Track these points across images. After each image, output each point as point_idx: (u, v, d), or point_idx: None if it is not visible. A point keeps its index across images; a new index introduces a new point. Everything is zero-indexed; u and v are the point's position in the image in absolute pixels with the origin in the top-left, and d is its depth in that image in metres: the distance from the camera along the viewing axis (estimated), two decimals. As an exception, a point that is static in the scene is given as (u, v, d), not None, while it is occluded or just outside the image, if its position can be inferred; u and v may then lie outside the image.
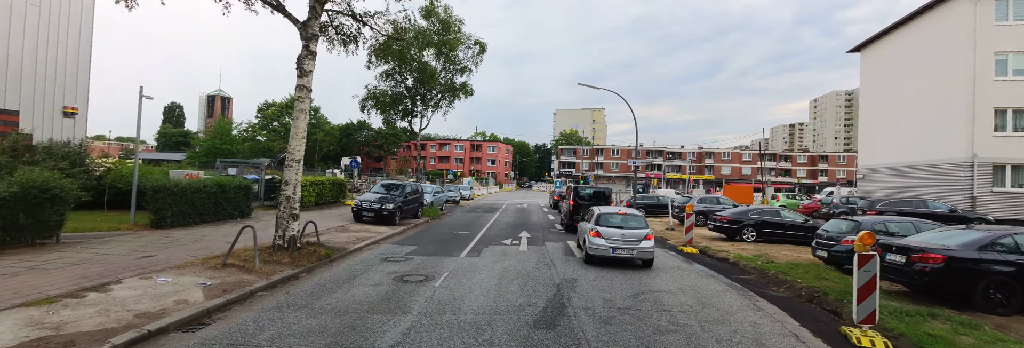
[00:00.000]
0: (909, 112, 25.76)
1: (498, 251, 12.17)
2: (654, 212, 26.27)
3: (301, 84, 9.91)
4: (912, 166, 25.58)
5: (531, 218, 23.41)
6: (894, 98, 27.20)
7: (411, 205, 18.45)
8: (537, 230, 17.70)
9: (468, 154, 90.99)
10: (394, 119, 21.88)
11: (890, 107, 27.58)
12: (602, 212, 11.68)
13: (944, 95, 23.19)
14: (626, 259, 10.64)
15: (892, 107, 27.36)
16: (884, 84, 28.26)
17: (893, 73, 27.44)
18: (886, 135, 27.98)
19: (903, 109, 26.30)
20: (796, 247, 14.77)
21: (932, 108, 24.01)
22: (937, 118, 23.65)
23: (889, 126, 27.72)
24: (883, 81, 28.40)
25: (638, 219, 11.36)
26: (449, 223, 19.41)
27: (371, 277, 8.60)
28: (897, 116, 26.91)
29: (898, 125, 26.83)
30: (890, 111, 27.58)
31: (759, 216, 15.78)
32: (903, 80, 26.35)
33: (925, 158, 24.44)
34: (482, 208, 29.85)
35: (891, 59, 27.79)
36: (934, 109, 23.86)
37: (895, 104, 27.08)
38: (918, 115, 25.09)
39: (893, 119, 27.26)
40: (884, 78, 28.30)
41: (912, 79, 25.65)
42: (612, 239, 10.59)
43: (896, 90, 27.03)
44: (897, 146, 26.93)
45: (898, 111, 26.75)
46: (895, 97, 27.10)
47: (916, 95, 25.29)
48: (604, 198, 19.07)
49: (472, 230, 16.87)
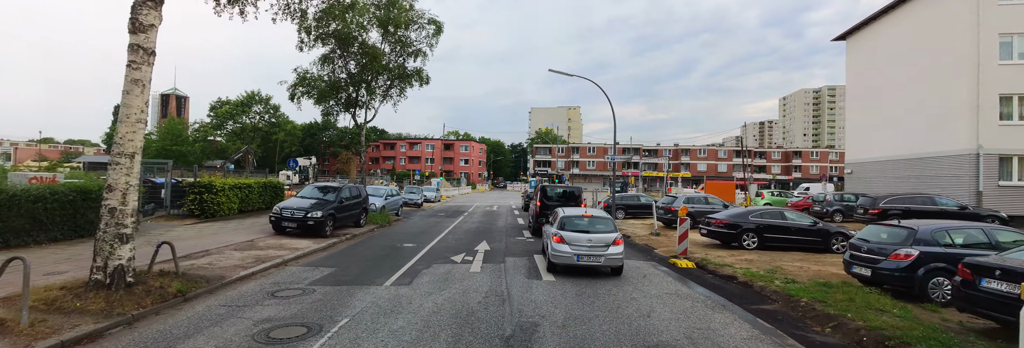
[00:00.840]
0: (903, 102, 23.96)
1: (440, 274, 9.26)
2: (634, 213, 23.77)
3: (135, 44, 6.79)
4: (908, 159, 23.78)
5: (497, 223, 20.56)
6: (886, 87, 25.42)
7: (349, 211, 15.36)
8: (500, 239, 14.85)
9: (440, 154, 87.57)
10: (335, 110, 18.69)
11: (882, 97, 25.80)
12: (566, 215, 10.34)
13: (943, 82, 21.37)
14: (593, 267, 9.67)
15: (884, 97, 25.58)
16: (874, 73, 26.48)
17: (884, 61, 25.66)
18: (877, 127, 26.19)
19: (896, 99, 24.50)
20: (806, 255, 12.34)
21: (930, 97, 22.19)
22: (936, 107, 21.83)
23: (880, 117, 25.93)
24: (873, 70, 26.62)
25: (606, 222, 10.10)
26: (397, 232, 16.38)
27: (221, 332, 5.58)
28: (890, 107, 25.11)
29: (891, 116, 25.03)
30: (882, 101, 25.79)
31: (761, 219, 13.31)
32: (896, 68, 24.56)
33: (923, 151, 22.63)
34: (446, 212, 26.85)
35: (881, 46, 26.01)
36: (932, 98, 22.04)
37: (887, 94, 25.30)
38: (914, 105, 23.28)
39: (885, 110, 25.47)
40: (874, 66, 26.52)
41: (906, 66, 23.85)
42: (577, 245, 9.46)
43: (888, 79, 25.25)
44: (890, 139, 25.14)
45: (891, 101, 24.96)
46: (887, 86, 25.32)
47: (911, 83, 23.49)
48: (574, 198, 16.61)
49: (421, 241, 13.91)
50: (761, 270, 9.95)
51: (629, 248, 14.04)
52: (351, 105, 18.56)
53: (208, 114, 71.49)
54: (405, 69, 18.68)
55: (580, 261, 9.29)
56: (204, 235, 12.87)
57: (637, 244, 14.89)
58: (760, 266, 10.50)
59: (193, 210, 15.90)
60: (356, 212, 16.05)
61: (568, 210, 10.91)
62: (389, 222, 18.96)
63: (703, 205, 18.78)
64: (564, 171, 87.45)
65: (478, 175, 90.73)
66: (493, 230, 17.46)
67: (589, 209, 11.42)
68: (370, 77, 17.95)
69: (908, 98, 23.62)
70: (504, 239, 14.95)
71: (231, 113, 68.69)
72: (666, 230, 17.94)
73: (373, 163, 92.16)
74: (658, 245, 14.22)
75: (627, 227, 19.09)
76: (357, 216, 16.19)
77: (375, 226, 17.26)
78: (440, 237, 15.00)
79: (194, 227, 14.54)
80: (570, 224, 9.95)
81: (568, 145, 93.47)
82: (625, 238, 16.60)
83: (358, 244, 13.26)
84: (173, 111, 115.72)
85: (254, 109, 72.74)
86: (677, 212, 18.51)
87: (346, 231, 15.22)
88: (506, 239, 14.96)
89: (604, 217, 10.21)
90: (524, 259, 11.16)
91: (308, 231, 13.43)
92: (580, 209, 11.24)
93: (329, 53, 17.76)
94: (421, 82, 19.54)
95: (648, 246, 14.30)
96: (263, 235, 13.32)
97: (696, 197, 19.08)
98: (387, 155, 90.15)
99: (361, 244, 13.27)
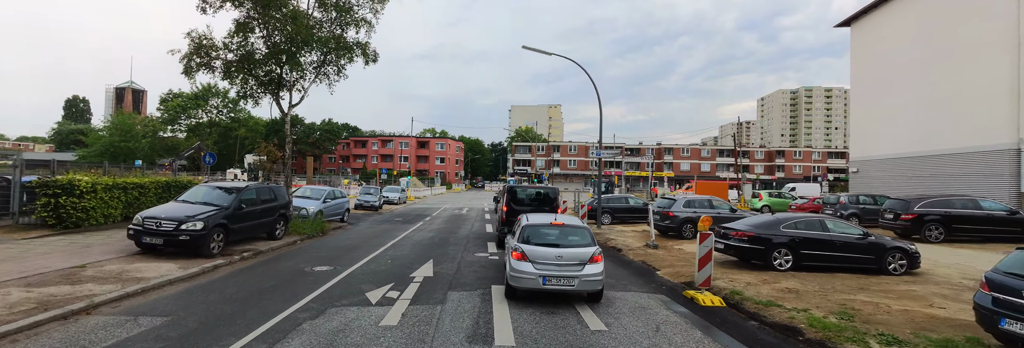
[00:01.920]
0: (921, 91, 21.28)
1: (326, 334, 5.66)
2: (622, 218, 20.51)
3: None
4: (927, 156, 21.10)
5: (460, 230, 17.00)
6: (898, 76, 22.76)
7: (255, 220, 11.63)
8: (454, 256, 11.32)
9: (414, 152, 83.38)
10: (257, 92, 14.80)
11: (893, 87, 23.13)
12: (530, 223, 7.90)
13: (973, 66, 18.67)
14: (564, 293, 7.10)
15: (896, 87, 22.91)
16: (884, 60, 23.82)
17: (897, 46, 22.99)
18: (888, 121, 23.52)
19: (911, 88, 21.83)
20: (861, 280, 9.18)
21: (955, 84, 19.51)
22: (963, 96, 19.14)
23: (892, 110, 23.27)
24: (883, 56, 23.95)
25: (580, 233, 7.67)
26: (324, 246, 12.69)
27: None
28: (903, 97, 22.44)
29: (904, 107, 22.37)
30: (893, 92, 23.12)
31: (796, 230, 10.09)
32: (912, 53, 21.88)
33: (946, 146, 19.94)
34: (405, 216, 23.16)
35: (894, 29, 23.34)
36: (957, 85, 19.36)
37: (900, 83, 22.63)
38: (933, 94, 20.60)
39: (897, 100, 22.80)
40: (884, 53, 23.85)
41: (925, 50, 21.17)
42: (544, 263, 6.99)
43: (901, 66, 22.58)
44: (903, 133, 22.49)
45: (904, 91, 22.29)
46: (900, 74, 22.65)
47: (930, 70, 20.81)
48: (549, 202, 13.54)
49: (344, 262, 10.28)
50: (826, 311, 6.66)
51: (621, 267, 10.66)
52: (274, 85, 14.73)
53: (158, 108, 65.95)
54: (343, 40, 14.94)
55: (547, 285, 6.86)
56: (14, 257, 8.98)
57: (631, 261, 11.53)
58: (815, 302, 7.24)
59: (45, 218, 11.93)
60: (268, 220, 12.30)
61: (533, 217, 8.49)
62: (324, 231, 15.24)
63: (707, 210, 15.58)
64: (544, 171, 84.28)
65: (455, 175, 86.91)
66: (450, 242, 13.90)
67: (560, 216, 8.76)
68: (295, 49, 14.18)
69: (926, 87, 20.94)
70: (459, 256, 11.41)
71: (183, 107, 63.29)
72: (664, 240, 14.68)
73: (343, 162, 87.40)
74: (659, 263, 10.88)
75: (615, 235, 15.77)
76: (270, 225, 12.43)
77: (300, 237, 13.54)
78: (374, 254, 11.37)
79: (30, 243, 10.60)
80: (535, 236, 7.49)
81: (548, 143, 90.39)
82: (614, 252, 13.27)
83: (250, 268, 9.55)
84: (129, 106, 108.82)
85: (211, 103, 67.44)
86: (676, 218, 15.30)
87: (250, 246, 11.47)
88: (462, 256, 11.43)
89: (578, 226, 7.81)
90: (475, 295, 7.64)
91: (185, 249, 9.66)
92: (548, 216, 8.70)
93: (245, 19, 13.91)
94: (367, 58, 15.83)
95: (646, 265, 10.95)
96: (114, 256, 9.49)
97: (697, 199, 15.88)
98: (358, 153, 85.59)
99: (255, 268, 9.57)
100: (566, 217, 8.53)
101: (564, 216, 8.63)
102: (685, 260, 11.32)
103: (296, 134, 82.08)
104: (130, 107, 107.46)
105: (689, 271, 9.67)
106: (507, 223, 13.83)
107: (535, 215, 8.78)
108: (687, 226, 15.21)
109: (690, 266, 10.38)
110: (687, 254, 12.45)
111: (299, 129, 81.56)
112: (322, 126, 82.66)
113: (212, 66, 13.23)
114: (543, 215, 8.76)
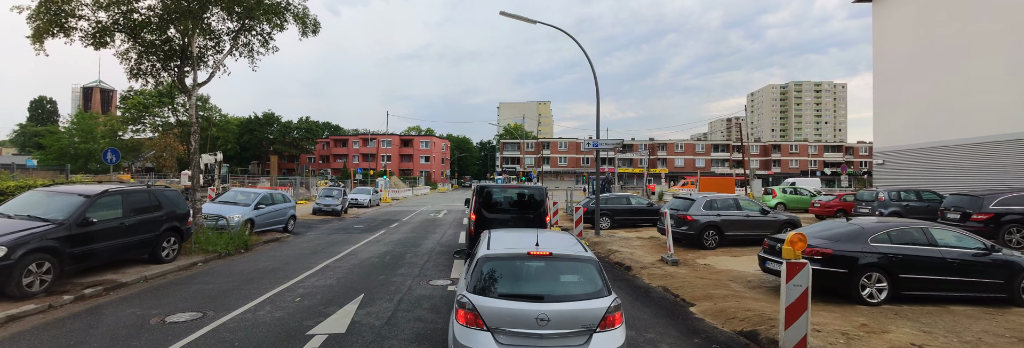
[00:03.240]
0: (974, 69, 18.36)
1: None
2: (624, 222, 17.35)
3: None
4: (976, 143, 18.21)
5: (426, 242, 13.68)
6: (939, 52, 19.82)
7: (118, 239, 8.24)
8: (397, 289, 8.02)
9: (397, 151, 79.64)
10: (152, 68, 11.35)
11: (932, 67, 20.20)
12: (493, 252, 4.45)
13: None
14: None
15: (935, 65, 19.97)
16: (920, 36, 20.86)
17: (936, 18, 20.06)
18: (924, 106, 20.62)
19: (958, 65, 18.89)
20: (995, 316, 6.09)
21: (1019, 59, 16.65)
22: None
23: (930, 93, 20.36)
24: (917, 32, 21.00)
25: (582, 269, 4.22)
26: (223, 273, 9.30)
27: None
28: (943, 76, 19.53)
29: (946, 88, 19.46)
30: (932, 72, 20.20)
31: (890, 245, 6.96)
32: (956, 24, 18.97)
33: (1007, 130, 17.04)
34: (369, 222, 19.77)
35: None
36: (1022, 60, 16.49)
37: (941, 60, 19.68)
38: (989, 71, 17.70)
39: (937, 81, 19.87)
40: (919, 27, 20.90)
41: (977, 20, 18.26)
42: (514, 334, 3.69)
43: (944, 41, 19.66)
44: (941, 118, 19.60)
45: (950, 70, 19.37)
46: (941, 50, 19.69)
47: (987, 41, 17.88)
48: (533, 206, 10.20)
49: (227, 303, 6.94)
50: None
51: (638, 300, 7.44)
52: (177, 58, 11.27)
53: (118, 106, 61.65)
54: (262, 2, 11.50)
55: None
56: None
57: (649, 289, 8.31)
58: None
59: None
60: (147, 238, 8.89)
61: (500, 238, 5.18)
62: (248, 246, 11.85)
63: (733, 212, 12.42)
64: (534, 168, 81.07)
65: (440, 174, 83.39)
66: (404, 260, 10.56)
67: (545, 234, 5.26)
68: (199, 8, 10.74)
69: (980, 63, 18.02)
70: (407, 286, 8.12)
71: (145, 105, 59.01)
72: (681, 251, 11.50)
73: (324, 162, 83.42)
74: (690, 291, 7.68)
75: (619, 245, 12.57)
76: (151, 244, 9.03)
77: (205, 257, 10.14)
78: (285, 285, 8.03)
79: None
80: (502, 277, 4.21)
81: (538, 140, 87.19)
82: (622, 271, 10.04)
83: (71, 320, 6.16)
84: (97, 106, 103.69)
85: (178, 100, 63.19)
86: (695, 224, 12.09)
87: (113, 275, 8.07)
88: (410, 287, 8.13)
89: (577, 257, 4.40)
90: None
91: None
92: (524, 235, 5.21)
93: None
94: (304, 27, 12.41)
95: (673, 295, 7.73)
96: None
97: (720, 199, 12.72)
98: (339, 153, 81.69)
99: (77, 319, 6.18)
100: (555, 236, 5.27)
101: (552, 235, 5.35)
102: (723, 285, 8.15)
103: (271, 134, 78.04)
104: (98, 107, 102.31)
105: (738, 307, 6.52)
106: (476, 238, 10.61)
107: (505, 234, 5.48)
108: (710, 233, 12.05)
109: (736, 297, 7.21)
110: (720, 273, 9.28)
111: (275, 128, 77.52)
112: (300, 124, 78.69)
113: (69, 28, 9.68)
114: (517, 234, 5.42)
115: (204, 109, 66.08)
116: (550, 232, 5.88)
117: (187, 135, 70.76)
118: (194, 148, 11.35)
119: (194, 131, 11.35)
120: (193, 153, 11.32)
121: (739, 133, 54.03)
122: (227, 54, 11.83)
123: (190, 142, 11.52)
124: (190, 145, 11.45)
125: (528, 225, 9.59)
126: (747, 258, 11.01)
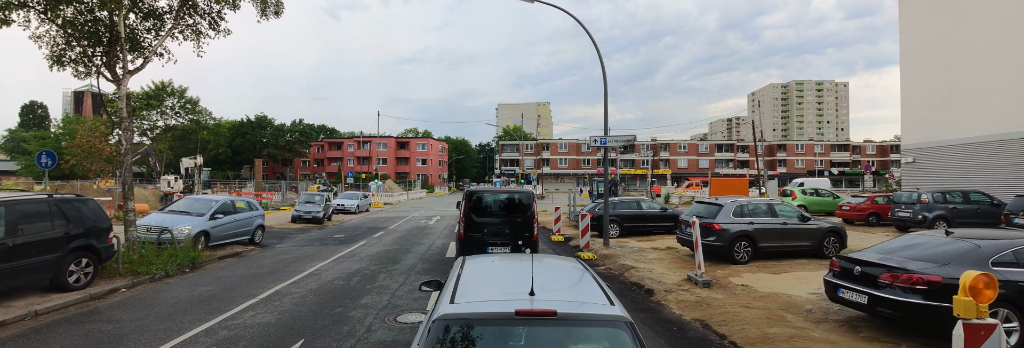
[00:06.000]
0: (1016, 54, 16.54)
1: None
2: (633, 229, 15.46)
3: None
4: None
5: (408, 256, 11.78)
6: (979, 39, 18.00)
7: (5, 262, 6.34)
8: (354, 330, 6.12)
9: (393, 153, 77.79)
10: (77, 53, 9.51)
11: (968, 55, 18.38)
12: (452, 316, 2.44)
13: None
14: None
15: (975, 53, 18.14)
16: (959, 21, 19.01)
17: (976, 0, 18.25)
18: (956, 98, 18.78)
19: (1004, 53, 17.07)
20: None
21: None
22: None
23: (963, 83, 18.53)
24: (956, 16, 19.15)
25: (609, 338, 2.23)
26: (141, 304, 7.41)
27: None
28: (988, 65, 17.69)
29: (988, 78, 17.62)
30: (968, 61, 18.38)
31: (1022, 271, 5.07)
32: (1006, 5, 17.14)
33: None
34: (352, 231, 17.90)
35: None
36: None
37: (982, 48, 17.86)
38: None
39: (978, 71, 18.05)
40: (958, 10, 19.07)
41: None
42: None
43: (984, 25, 17.84)
44: (983, 112, 17.76)
45: (992, 57, 17.53)
46: (982, 37, 17.88)
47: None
48: (520, 210, 9.43)
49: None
50: None
51: (670, 342, 5.52)
52: (107, 42, 9.41)
53: (103, 110, 59.79)
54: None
55: None
56: None
57: (683, 324, 6.38)
58: None
59: None
60: (45, 260, 7.01)
61: (477, 270, 3.45)
62: (196, 264, 9.98)
63: (768, 219, 10.53)
64: (533, 170, 79.23)
65: (438, 177, 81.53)
66: (372, 286, 8.64)
67: (541, 262, 3.70)
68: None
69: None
70: (365, 326, 6.22)
71: (133, 108, 57.24)
72: (711, 266, 9.59)
73: (318, 165, 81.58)
74: (737, 329, 5.76)
75: (633, 260, 10.67)
76: (50, 268, 7.15)
77: (133, 280, 8.28)
78: (205, 326, 6.15)
79: None
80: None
81: (537, 141, 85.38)
82: (642, 295, 8.03)
83: None
84: (89, 110, 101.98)
85: (167, 103, 61.48)
86: (724, 234, 10.18)
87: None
88: (370, 327, 6.24)
89: (600, 315, 2.45)
90: None
91: None
92: (513, 266, 3.59)
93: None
94: (264, 6, 10.58)
95: (708, 331, 5.84)
96: None
97: (751, 204, 10.84)
98: (334, 156, 79.83)
99: None
100: (556, 270, 3.41)
101: (552, 267, 3.48)
102: (777, 317, 6.25)
103: (264, 137, 76.18)
104: (90, 112, 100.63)
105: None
106: (466, 242, 9.17)
107: (484, 265, 3.62)
108: (741, 244, 10.17)
109: (804, 339, 5.34)
110: (766, 298, 7.39)
111: (268, 131, 75.66)
112: (293, 127, 76.97)
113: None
114: (502, 266, 3.61)
115: (194, 112, 64.43)
116: (549, 260, 4.04)
117: (178, 139, 68.99)
118: (126, 148, 9.47)
119: (125, 128, 9.50)
120: (124, 153, 9.44)
121: (751, 131, 52.21)
122: (167, 35, 9.96)
123: (123, 140, 9.61)
124: (122, 145, 9.54)
125: (515, 228, 9.33)
126: (790, 275, 9.13)
